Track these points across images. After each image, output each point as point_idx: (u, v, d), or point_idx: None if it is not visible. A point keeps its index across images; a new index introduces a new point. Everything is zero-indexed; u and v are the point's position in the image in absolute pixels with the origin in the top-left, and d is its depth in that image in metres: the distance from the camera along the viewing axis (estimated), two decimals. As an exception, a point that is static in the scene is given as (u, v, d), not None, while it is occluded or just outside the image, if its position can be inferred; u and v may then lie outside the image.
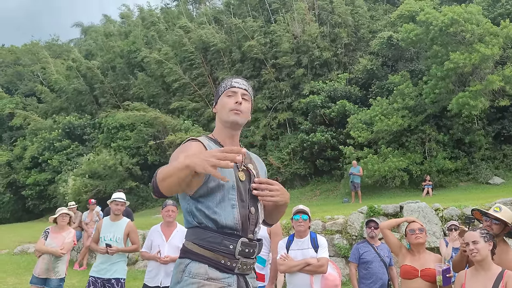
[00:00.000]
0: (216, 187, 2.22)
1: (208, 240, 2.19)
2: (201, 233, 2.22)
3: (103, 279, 5.85)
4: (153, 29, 31.55)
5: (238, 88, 2.42)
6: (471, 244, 3.62)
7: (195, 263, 2.19)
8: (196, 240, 2.22)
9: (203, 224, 2.22)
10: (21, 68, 42.97)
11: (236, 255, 2.21)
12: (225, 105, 2.39)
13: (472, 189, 16.76)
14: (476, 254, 3.59)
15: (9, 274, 10.97)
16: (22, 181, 28.93)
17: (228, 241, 2.19)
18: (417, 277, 4.27)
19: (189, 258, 2.22)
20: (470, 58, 16.28)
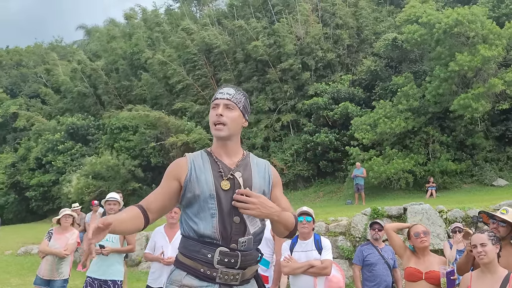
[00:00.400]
0: (192, 197, 2.28)
1: (189, 249, 2.27)
2: (184, 241, 2.31)
3: (99, 280, 5.84)
4: (156, 30, 31.59)
5: (220, 99, 2.36)
6: (479, 246, 3.57)
7: (177, 271, 2.29)
8: (181, 249, 2.32)
9: (186, 233, 2.31)
10: (25, 70, 43.12)
11: (215, 265, 2.20)
12: (210, 118, 2.39)
13: (476, 191, 16.70)
14: (484, 256, 3.54)
15: (13, 275, 11.00)
16: (26, 182, 29.00)
17: (206, 250, 2.20)
18: (421, 280, 4.24)
19: (175, 265, 2.33)
20: (473, 61, 16.25)
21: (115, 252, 5.94)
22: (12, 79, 43.25)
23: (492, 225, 4.26)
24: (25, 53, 48.37)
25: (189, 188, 2.28)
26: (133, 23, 35.70)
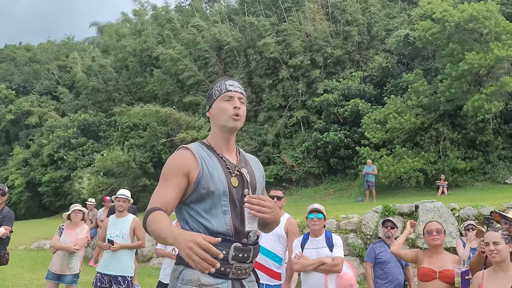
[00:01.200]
0: (206, 194, 2.23)
1: None
2: None
3: (109, 276, 5.90)
4: (167, 27, 31.63)
5: (234, 92, 2.37)
6: (491, 244, 3.55)
7: (188, 270, 2.19)
8: None
9: (195, 229, 2.22)
10: (37, 67, 43.45)
11: (230, 261, 2.20)
12: (224, 110, 2.35)
13: (489, 189, 16.54)
14: (496, 255, 3.52)
15: (26, 269, 11.12)
16: (38, 178, 29.29)
17: (220, 247, 2.11)
18: (435, 279, 4.18)
19: (182, 264, 2.22)
20: (485, 59, 16.05)
21: (125, 248, 5.98)
22: (24, 76, 43.61)
23: (504, 225, 4.23)
24: (38, 50, 48.72)
25: (203, 184, 2.23)
26: (143, 20, 35.77)
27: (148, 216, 2.11)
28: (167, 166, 2.32)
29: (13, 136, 37.74)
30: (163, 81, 28.49)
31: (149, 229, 2.10)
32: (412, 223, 4.90)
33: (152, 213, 2.11)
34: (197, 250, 1.85)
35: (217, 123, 2.38)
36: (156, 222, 2.06)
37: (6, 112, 36.61)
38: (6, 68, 45.39)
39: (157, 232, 2.05)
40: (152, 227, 2.08)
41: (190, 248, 1.86)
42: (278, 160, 22.11)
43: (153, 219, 2.09)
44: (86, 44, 45.59)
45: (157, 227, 2.05)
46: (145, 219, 2.13)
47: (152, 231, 2.08)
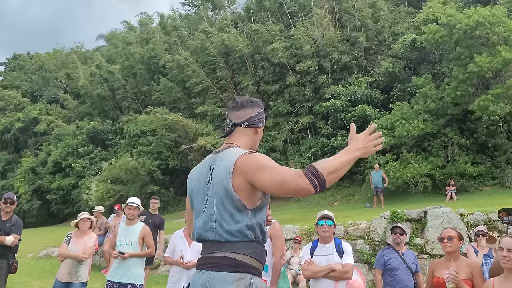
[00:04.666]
0: (266, 203, 2.35)
1: (260, 254, 2.30)
2: (256, 247, 2.29)
3: (119, 284, 5.90)
4: (174, 34, 31.80)
5: None
6: (505, 250, 3.51)
7: (256, 278, 2.26)
8: (253, 255, 2.27)
9: (258, 238, 2.29)
10: (46, 75, 43.81)
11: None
12: (260, 136, 2.59)
13: (498, 194, 16.38)
14: (507, 262, 3.49)
15: (34, 277, 11.14)
16: (46, 186, 29.43)
17: (264, 253, 2.34)
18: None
19: (248, 272, 2.24)
20: (493, 62, 15.99)
21: (134, 256, 5.98)
22: (33, 83, 43.99)
23: None
24: (46, 58, 49.15)
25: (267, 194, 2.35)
26: (149, 29, 36.01)
27: (315, 166, 2.16)
28: (263, 158, 2.34)
29: (22, 144, 38.01)
30: (169, 89, 28.59)
31: (329, 169, 2.15)
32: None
33: (312, 164, 2.19)
34: (375, 142, 2.30)
35: (255, 144, 2.55)
36: (328, 161, 2.19)
37: (15, 120, 36.89)
38: (16, 76, 45.85)
39: (342, 160, 2.19)
40: (330, 165, 2.16)
41: (370, 144, 2.27)
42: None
43: (319, 163, 2.19)
44: (95, 52, 45.93)
45: (335, 159, 2.19)
46: (314, 170, 2.13)
47: (335, 167, 2.16)
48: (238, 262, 2.23)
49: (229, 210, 2.26)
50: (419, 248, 9.25)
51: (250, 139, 2.50)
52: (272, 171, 2.21)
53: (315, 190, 2.10)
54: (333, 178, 2.13)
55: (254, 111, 2.51)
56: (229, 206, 2.26)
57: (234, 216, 2.25)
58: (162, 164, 25.36)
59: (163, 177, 25.32)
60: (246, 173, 2.25)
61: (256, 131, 2.51)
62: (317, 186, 2.09)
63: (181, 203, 24.67)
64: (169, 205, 25.04)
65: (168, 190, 25.48)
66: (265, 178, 2.20)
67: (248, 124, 2.49)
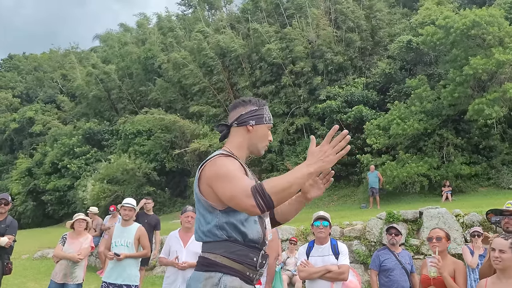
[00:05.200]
0: None
1: (237, 254, 2.26)
2: (230, 246, 2.27)
3: (114, 285, 5.88)
4: (170, 35, 31.78)
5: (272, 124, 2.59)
6: (497, 251, 3.54)
7: (227, 277, 2.24)
8: (226, 254, 2.27)
9: (232, 237, 2.28)
10: (41, 75, 43.69)
11: (257, 267, 2.32)
12: (265, 138, 2.52)
13: (493, 194, 16.43)
14: (499, 263, 3.52)
15: (29, 279, 11.10)
16: (42, 186, 29.34)
17: (252, 254, 2.29)
18: (430, 286, 4.42)
19: (219, 271, 2.26)
20: (489, 64, 16.03)
21: (129, 257, 5.96)
22: (28, 84, 43.87)
23: (504, 221, 4.28)
24: (41, 59, 49.03)
25: None
26: (146, 29, 35.98)
27: (263, 185, 2.07)
28: (227, 165, 2.26)
29: (17, 144, 37.88)
30: (165, 89, 28.56)
31: (276, 189, 2.05)
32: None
33: (262, 182, 2.10)
34: (332, 152, 2.14)
35: (253, 142, 2.48)
36: (277, 179, 2.09)
37: (10, 120, 36.76)
38: (11, 76, 45.70)
39: (291, 179, 2.07)
40: (278, 184, 2.06)
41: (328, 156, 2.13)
42: (281, 167, 22.08)
43: (268, 182, 2.09)
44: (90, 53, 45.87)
45: (285, 177, 2.09)
46: (262, 189, 2.05)
47: (282, 186, 2.05)
48: (209, 261, 2.29)
49: (202, 212, 2.35)
50: (414, 248, 9.26)
51: (243, 139, 2.45)
52: (226, 183, 2.18)
53: (261, 211, 2.07)
54: (282, 197, 2.07)
55: (245, 109, 2.49)
56: (201, 208, 2.35)
57: (206, 217, 2.33)
58: (158, 165, 25.33)
59: (159, 178, 25.29)
60: (207, 180, 2.28)
61: (247, 129, 2.45)
62: (263, 207, 2.06)
63: (176, 204, 24.65)
64: (165, 206, 25.02)
65: (164, 191, 25.45)
66: (218, 189, 2.22)
67: (238, 123, 2.47)
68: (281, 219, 2.57)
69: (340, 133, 2.16)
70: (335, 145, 2.12)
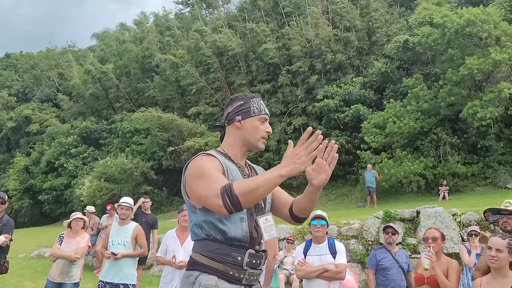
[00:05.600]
0: None
1: (216, 252, 2.24)
2: (209, 245, 2.26)
3: (111, 284, 5.89)
4: (168, 34, 31.73)
5: (267, 115, 2.48)
6: (493, 250, 3.54)
7: (204, 275, 2.23)
8: (204, 252, 2.26)
9: (211, 236, 2.26)
10: (38, 74, 43.57)
11: (244, 266, 2.25)
12: (258, 131, 2.42)
13: (490, 194, 16.48)
14: (495, 262, 3.52)
15: (26, 278, 11.07)
16: (38, 186, 29.25)
17: (236, 253, 2.24)
18: (424, 284, 4.48)
19: (198, 270, 2.25)
20: (485, 64, 16.04)
21: (127, 256, 5.96)
22: (25, 83, 43.74)
23: (502, 220, 4.29)
24: (38, 57, 48.89)
25: None
26: (144, 28, 35.90)
27: (231, 185, 2.04)
28: (204, 165, 2.25)
29: (14, 143, 37.76)
30: (163, 87, 28.52)
31: (244, 189, 2.02)
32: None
33: (232, 183, 2.07)
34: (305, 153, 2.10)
35: (245, 138, 2.42)
36: (248, 180, 2.08)
37: (7, 119, 36.64)
38: (7, 75, 45.57)
39: (261, 181, 2.04)
40: (247, 185, 2.04)
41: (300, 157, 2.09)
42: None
43: (238, 182, 2.08)
44: (87, 51, 45.76)
45: (255, 179, 2.07)
46: (230, 190, 2.02)
47: (250, 187, 2.03)
48: (191, 260, 2.32)
49: (188, 211, 2.38)
50: (412, 248, 9.28)
51: (234, 137, 2.43)
52: (201, 183, 2.18)
53: (228, 211, 2.05)
54: (250, 199, 2.04)
55: (232, 106, 2.45)
56: (188, 207, 2.37)
57: (190, 216, 2.36)
58: (155, 164, 25.29)
59: (157, 177, 25.25)
60: (187, 180, 2.30)
61: (235, 126, 2.41)
62: (230, 208, 2.03)
63: (174, 203, 24.62)
64: (162, 205, 24.98)
65: (161, 190, 25.42)
66: (193, 188, 2.23)
67: (227, 122, 2.45)
68: (301, 214, 2.45)
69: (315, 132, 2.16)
70: (308, 147, 2.10)
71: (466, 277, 6.19)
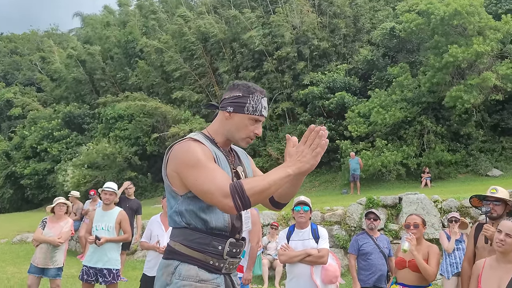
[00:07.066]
0: None
1: (197, 242, 2.18)
2: (189, 234, 2.20)
3: (95, 269, 5.90)
4: (152, 17, 31.30)
5: (263, 117, 2.32)
6: (503, 234, 3.44)
7: (184, 265, 2.17)
8: (184, 241, 2.20)
9: (192, 225, 2.20)
10: (19, 58, 42.75)
11: (224, 256, 2.21)
12: (246, 130, 2.28)
13: (471, 181, 16.78)
14: (502, 246, 3.44)
15: (8, 263, 10.99)
16: (20, 171, 28.89)
17: (217, 242, 2.19)
18: (405, 268, 4.55)
19: (177, 259, 2.20)
20: (468, 52, 16.21)
21: (110, 241, 5.96)
22: (5, 67, 42.91)
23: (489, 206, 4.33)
24: (20, 40, 47.92)
25: None
26: (127, 11, 35.31)
27: (242, 185, 2.00)
28: (197, 152, 2.14)
29: (-5, 128, 37.20)
30: (147, 73, 28.25)
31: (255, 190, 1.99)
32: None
33: (241, 181, 2.03)
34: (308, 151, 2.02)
35: (230, 131, 2.30)
36: (257, 180, 2.03)
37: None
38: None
39: (271, 181, 2.00)
40: (258, 185, 2.00)
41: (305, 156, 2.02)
42: (264, 153, 22.13)
43: (247, 182, 2.03)
44: (70, 35, 44.95)
45: (265, 179, 2.01)
46: (241, 190, 1.98)
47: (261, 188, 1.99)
48: (170, 248, 2.26)
49: (168, 196, 2.28)
50: (393, 233, 9.43)
51: (221, 124, 2.32)
52: (199, 175, 2.08)
53: (237, 211, 2.03)
54: (260, 199, 2.03)
55: (230, 93, 2.30)
56: (167, 191, 2.27)
57: (170, 201, 2.27)
58: (139, 149, 25.14)
59: (141, 163, 25.13)
60: (175, 166, 2.18)
61: (224, 115, 2.29)
62: (240, 208, 2.01)
63: (158, 189, 24.57)
64: (147, 191, 24.92)
65: (146, 176, 25.33)
66: (189, 180, 2.12)
67: (221, 106, 2.32)
68: (282, 199, 2.37)
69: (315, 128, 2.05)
70: (311, 144, 2.02)
71: (445, 262, 6.32)
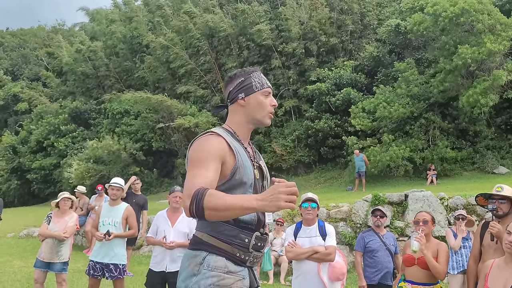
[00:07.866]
0: (239, 184, 2.25)
1: (225, 233, 2.20)
2: (217, 225, 2.21)
3: (101, 264, 5.92)
4: (158, 13, 31.26)
5: (270, 88, 2.43)
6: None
7: (212, 256, 2.19)
8: (212, 233, 2.22)
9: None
10: (26, 52, 42.89)
11: (250, 249, 2.24)
12: (264, 105, 2.39)
13: (477, 179, 16.68)
14: (511, 247, 3.40)
15: (15, 257, 11.07)
16: (27, 165, 29.03)
17: (244, 235, 2.22)
18: (414, 265, 4.56)
19: (205, 250, 2.21)
20: (479, 52, 16.01)
21: (117, 237, 5.98)
22: (13, 61, 43.06)
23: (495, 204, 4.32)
24: (27, 35, 48.06)
25: (238, 175, 2.24)
26: (133, 6, 35.29)
27: (205, 194, 1.97)
28: (204, 150, 2.20)
29: (2, 122, 37.35)
30: (154, 68, 28.25)
31: (212, 204, 1.95)
32: None
33: (207, 191, 1.99)
34: (286, 198, 1.88)
35: (251, 115, 2.38)
36: (220, 197, 1.98)
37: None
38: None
39: (231, 204, 1.95)
40: (217, 202, 1.96)
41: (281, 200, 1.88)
42: (269, 149, 22.12)
43: (212, 194, 1.98)
44: (76, 30, 45.01)
45: (228, 200, 1.97)
46: (200, 198, 1.97)
47: (218, 205, 1.95)
48: (196, 239, 2.27)
49: None
50: (399, 230, 9.41)
51: (240, 115, 2.38)
52: (189, 173, 2.16)
53: (190, 216, 2.03)
54: (215, 215, 1.99)
55: (233, 84, 2.39)
56: None
57: None
58: (144, 145, 25.18)
59: (146, 158, 25.16)
60: (189, 160, 2.25)
61: (239, 104, 2.36)
62: (193, 214, 2.00)
63: (164, 185, 24.61)
64: (152, 186, 24.96)
65: (151, 171, 25.37)
66: (187, 171, 2.21)
67: (230, 101, 2.39)
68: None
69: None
70: (290, 191, 1.90)
71: (451, 259, 6.30)
